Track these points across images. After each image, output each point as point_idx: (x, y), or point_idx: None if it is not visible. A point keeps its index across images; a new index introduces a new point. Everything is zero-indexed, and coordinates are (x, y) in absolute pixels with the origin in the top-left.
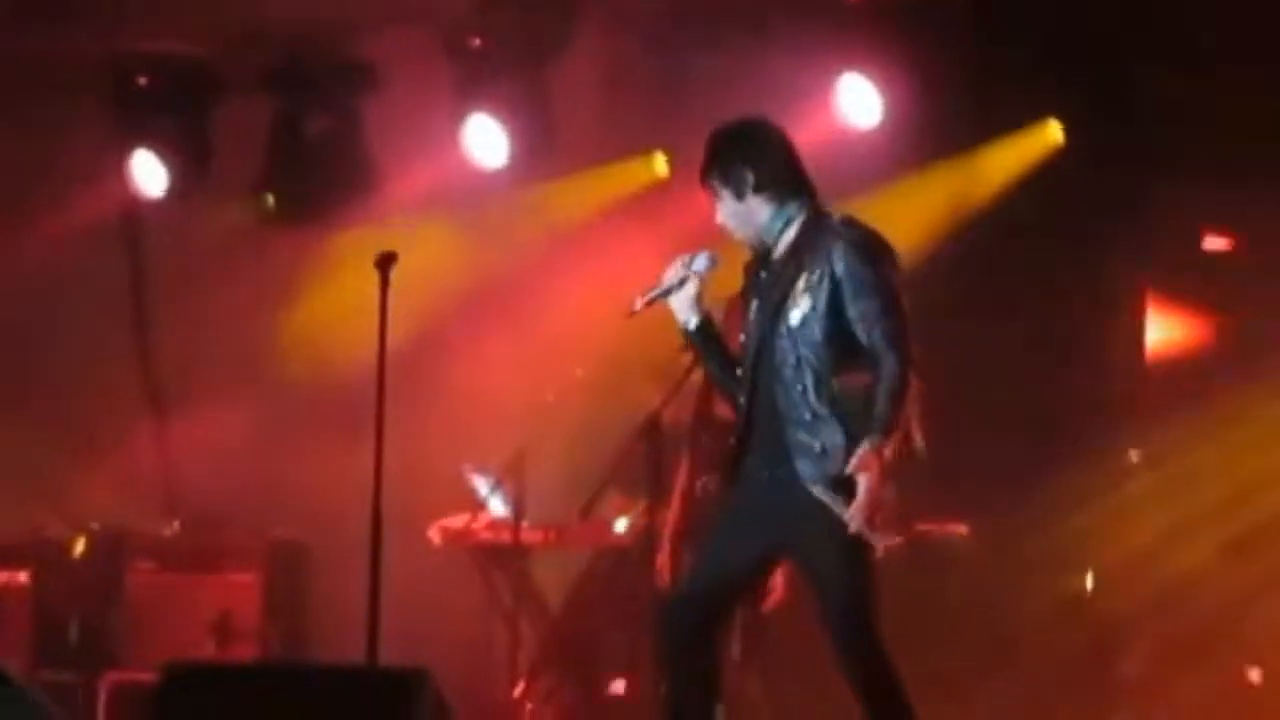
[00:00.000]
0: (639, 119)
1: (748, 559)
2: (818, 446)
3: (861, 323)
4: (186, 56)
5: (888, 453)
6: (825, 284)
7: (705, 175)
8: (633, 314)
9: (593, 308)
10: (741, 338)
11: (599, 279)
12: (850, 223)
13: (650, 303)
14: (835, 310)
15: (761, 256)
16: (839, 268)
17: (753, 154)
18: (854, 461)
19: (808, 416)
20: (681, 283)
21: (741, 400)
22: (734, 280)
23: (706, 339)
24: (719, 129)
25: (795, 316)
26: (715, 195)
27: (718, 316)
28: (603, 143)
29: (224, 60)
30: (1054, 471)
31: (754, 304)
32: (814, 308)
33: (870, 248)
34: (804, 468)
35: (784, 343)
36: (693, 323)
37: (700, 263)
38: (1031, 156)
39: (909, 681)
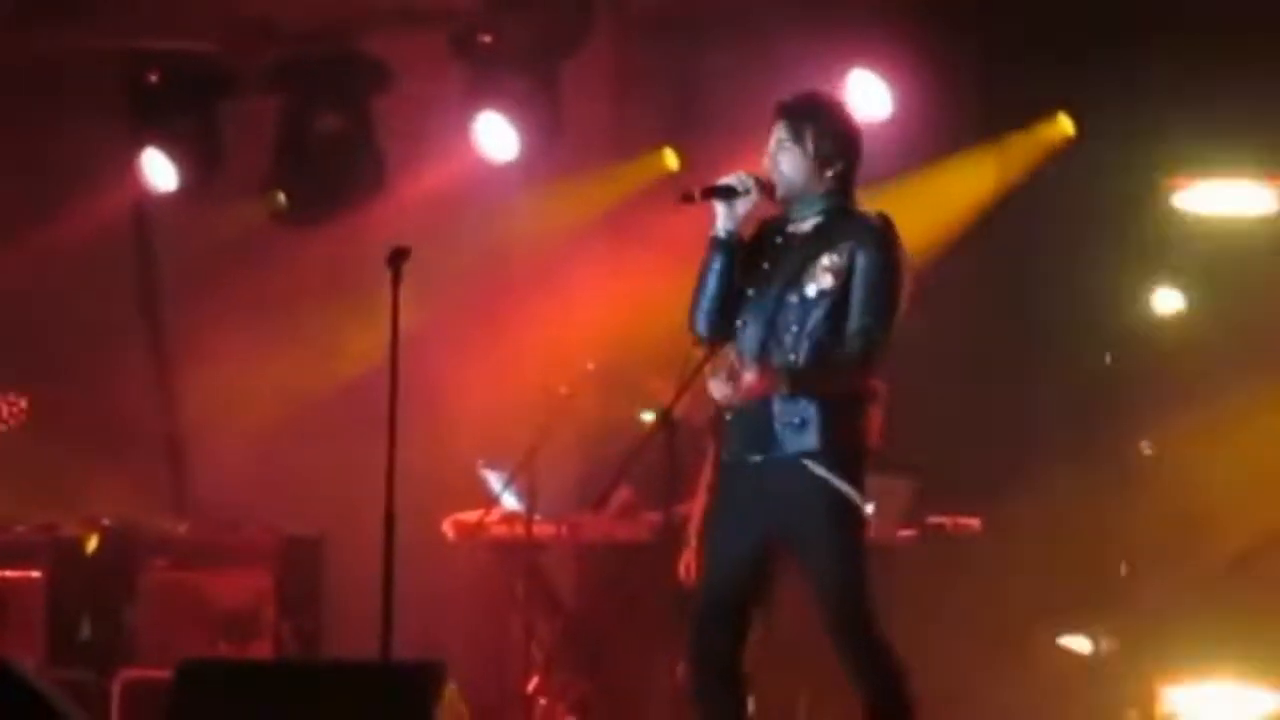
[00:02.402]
0: (649, 115)
1: (750, 559)
2: (798, 419)
3: (855, 311)
4: (197, 54)
5: (761, 386)
6: (847, 265)
7: (793, 116)
8: (688, 200)
9: (604, 302)
10: (750, 293)
11: (611, 274)
12: (886, 219)
13: (708, 195)
14: (847, 293)
15: (777, 224)
16: (860, 256)
17: (848, 141)
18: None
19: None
20: (744, 192)
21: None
22: None
23: (731, 254)
24: (832, 98)
25: (812, 289)
26: (787, 136)
27: None
28: (613, 139)
29: (235, 58)
30: (1068, 464)
31: (763, 266)
32: (831, 286)
33: (896, 250)
34: (787, 441)
35: (792, 312)
36: (732, 234)
37: (761, 182)
38: (1043, 148)
39: (920, 677)
